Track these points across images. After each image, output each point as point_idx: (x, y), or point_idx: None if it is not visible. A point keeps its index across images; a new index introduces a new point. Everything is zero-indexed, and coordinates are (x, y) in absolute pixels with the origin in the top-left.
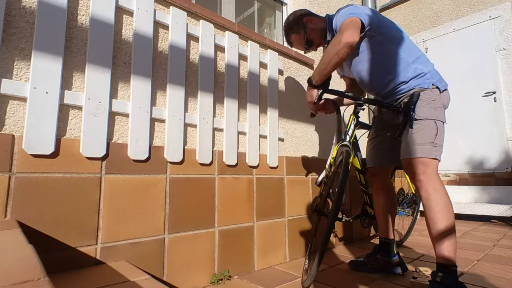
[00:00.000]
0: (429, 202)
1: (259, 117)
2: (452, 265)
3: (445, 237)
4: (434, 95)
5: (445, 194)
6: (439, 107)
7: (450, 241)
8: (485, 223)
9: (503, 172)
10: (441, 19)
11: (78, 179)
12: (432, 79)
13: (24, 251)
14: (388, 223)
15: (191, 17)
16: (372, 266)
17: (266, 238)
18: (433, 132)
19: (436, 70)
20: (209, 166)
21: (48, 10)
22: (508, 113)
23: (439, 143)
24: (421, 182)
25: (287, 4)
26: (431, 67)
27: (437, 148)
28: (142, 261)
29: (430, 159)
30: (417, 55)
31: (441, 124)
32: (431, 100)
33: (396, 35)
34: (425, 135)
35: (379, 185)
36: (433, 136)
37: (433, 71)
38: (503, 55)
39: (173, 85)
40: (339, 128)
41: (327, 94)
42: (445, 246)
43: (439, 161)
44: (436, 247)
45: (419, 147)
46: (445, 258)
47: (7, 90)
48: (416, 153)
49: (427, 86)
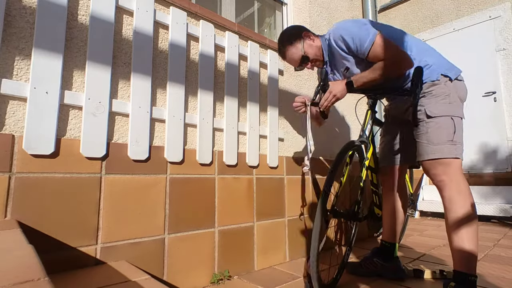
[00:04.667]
0: (451, 205)
1: (259, 117)
2: (472, 274)
3: (468, 243)
4: (448, 89)
5: (469, 197)
6: (454, 101)
7: (471, 247)
8: (485, 223)
9: (503, 172)
10: (441, 19)
11: (78, 179)
12: (440, 69)
13: (24, 251)
14: (394, 226)
15: (191, 17)
16: (368, 270)
17: (266, 238)
18: (450, 129)
19: (444, 58)
20: (209, 166)
21: (48, 10)
22: (508, 113)
23: (458, 140)
24: (443, 183)
25: (287, 4)
26: (436, 57)
27: (457, 146)
28: (142, 261)
29: (451, 158)
30: (421, 48)
31: (459, 120)
32: (445, 95)
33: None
34: (442, 133)
35: (391, 185)
36: (451, 133)
37: (440, 60)
38: (503, 55)
39: (173, 85)
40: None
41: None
42: (466, 253)
43: (461, 159)
44: (456, 252)
45: (437, 147)
46: (465, 266)
47: (7, 90)
48: (433, 154)
49: (435, 78)
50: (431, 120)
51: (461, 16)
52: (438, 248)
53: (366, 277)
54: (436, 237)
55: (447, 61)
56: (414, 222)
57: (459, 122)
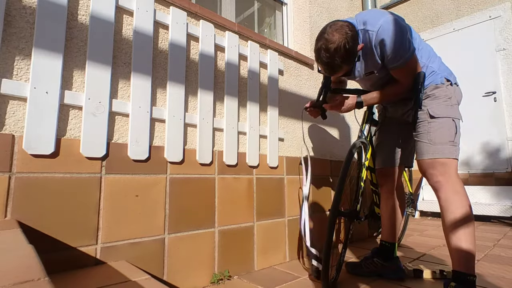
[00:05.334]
0: (448, 205)
1: (259, 117)
2: (470, 274)
3: (466, 243)
4: (450, 92)
5: (465, 197)
6: (455, 104)
7: (469, 247)
8: (485, 223)
9: (503, 172)
10: (441, 19)
11: (78, 179)
12: (443, 73)
13: (24, 251)
14: (392, 226)
15: (191, 17)
16: (369, 270)
17: (266, 238)
18: (452, 130)
19: (443, 63)
20: (209, 166)
21: (48, 10)
22: (508, 113)
23: (458, 142)
24: (440, 184)
25: (287, 4)
26: (439, 63)
27: (457, 148)
28: (142, 261)
29: (450, 159)
30: (429, 54)
31: (459, 122)
32: (447, 98)
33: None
34: (444, 134)
35: (390, 186)
36: (453, 135)
37: (442, 65)
38: (503, 55)
39: (173, 85)
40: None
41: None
42: (465, 253)
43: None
44: (453, 253)
45: (439, 147)
46: (464, 266)
47: (7, 90)
48: (435, 153)
49: (440, 81)
50: (433, 121)
51: (461, 16)
52: (438, 248)
53: (366, 277)
54: (436, 237)
55: (447, 67)
56: (414, 222)
57: (459, 124)
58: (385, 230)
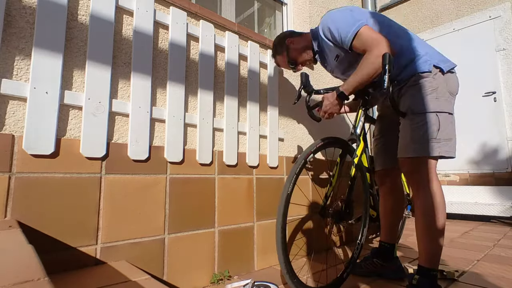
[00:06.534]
0: (419, 203)
1: (259, 117)
2: (433, 269)
3: (431, 240)
4: (437, 82)
5: (438, 196)
6: (442, 96)
7: (435, 245)
8: (485, 223)
9: (503, 172)
10: (441, 19)
11: (78, 179)
12: (432, 59)
13: (24, 251)
14: (392, 227)
15: (191, 17)
16: (368, 270)
17: (266, 238)
18: (434, 127)
19: (437, 52)
20: (209, 166)
21: (48, 10)
22: (508, 113)
23: (444, 137)
24: (413, 181)
25: (287, 4)
26: (429, 48)
27: (441, 144)
28: (142, 261)
29: (428, 158)
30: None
31: (446, 115)
32: (432, 89)
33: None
34: (425, 131)
35: (389, 187)
36: (435, 131)
37: (433, 51)
38: (503, 55)
39: (173, 85)
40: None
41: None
42: (430, 250)
43: (445, 157)
44: (420, 249)
45: (417, 146)
46: (427, 262)
47: (7, 90)
48: (409, 151)
49: (427, 69)
50: (414, 117)
51: (461, 16)
52: None
53: (366, 277)
54: None
55: (440, 54)
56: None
57: (446, 118)
58: (383, 231)
